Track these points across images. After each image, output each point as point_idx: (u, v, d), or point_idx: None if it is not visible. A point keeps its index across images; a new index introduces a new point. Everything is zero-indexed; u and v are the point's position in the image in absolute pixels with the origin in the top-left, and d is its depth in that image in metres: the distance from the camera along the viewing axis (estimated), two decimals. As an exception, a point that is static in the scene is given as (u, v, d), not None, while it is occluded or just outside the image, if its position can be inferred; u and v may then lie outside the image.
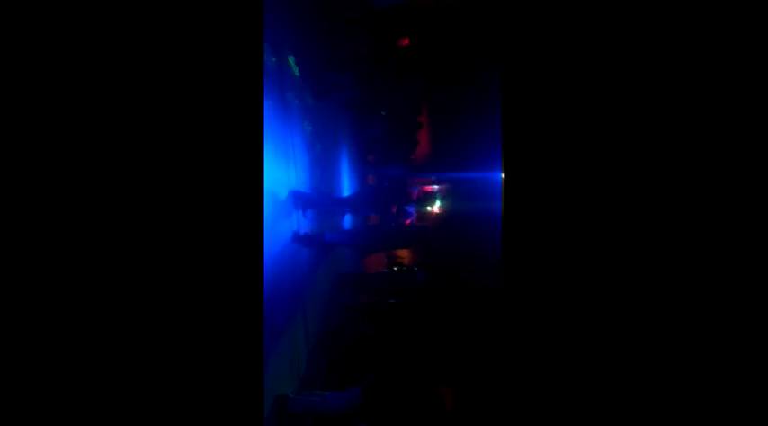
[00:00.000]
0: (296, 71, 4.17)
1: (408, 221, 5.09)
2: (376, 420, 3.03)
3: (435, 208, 6.86)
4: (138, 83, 1.17)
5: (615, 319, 1.30)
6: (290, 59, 4.04)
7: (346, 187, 6.60)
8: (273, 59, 3.56)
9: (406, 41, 5.62)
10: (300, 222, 4.11)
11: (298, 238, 3.95)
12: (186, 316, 1.20)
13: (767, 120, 1.17)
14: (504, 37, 1.29)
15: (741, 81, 1.18)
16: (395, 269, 5.83)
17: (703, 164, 1.21)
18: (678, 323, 1.27)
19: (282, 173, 3.72)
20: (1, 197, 1.12)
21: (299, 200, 4.00)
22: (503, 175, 1.36)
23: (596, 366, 1.31)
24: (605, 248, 1.29)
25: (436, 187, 8.26)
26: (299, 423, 3.29)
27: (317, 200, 4.42)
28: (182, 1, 1.19)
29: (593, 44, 1.26)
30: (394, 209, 4.72)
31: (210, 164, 1.21)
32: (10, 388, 1.12)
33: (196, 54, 1.19)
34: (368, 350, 4.59)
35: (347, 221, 6.23)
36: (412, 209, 5.58)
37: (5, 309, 1.12)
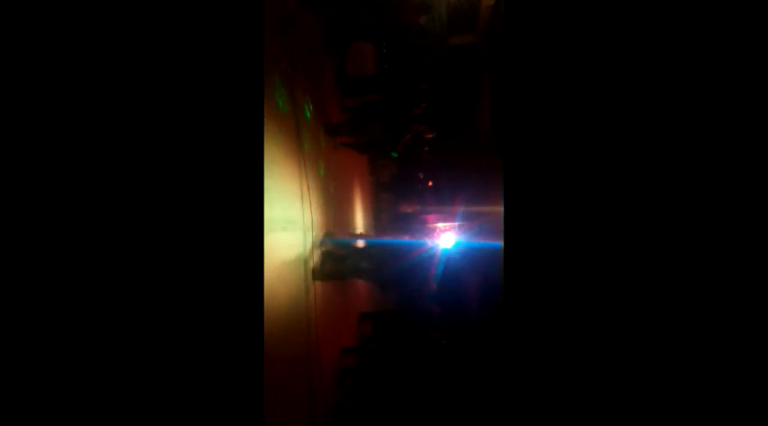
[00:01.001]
0: (308, 115, 4.38)
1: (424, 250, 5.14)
2: None
3: (450, 242, 6.88)
4: (140, 92, 1.21)
5: (622, 348, 1.25)
6: (306, 107, 4.24)
7: (360, 225, 6.69)
8: (286, 107, 3.76)
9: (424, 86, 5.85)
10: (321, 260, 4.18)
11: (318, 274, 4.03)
12: (187, 321, 1.21)
13: (767, 120, 1.16)
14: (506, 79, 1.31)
15: (741, 81, 1.17)
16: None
17: (706, 173, 1.20)
18: (685, 334, 1.22)
19: (297, 214, 3.84)
20: (1, 197, 1.14)
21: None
22: (502, 209, 1.35)
23: (603, 395, 1.27)
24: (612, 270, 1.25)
25: (449, 224, 8.30)
26: None
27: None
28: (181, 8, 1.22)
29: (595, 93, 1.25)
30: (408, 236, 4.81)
31: (211, 167, 1.24)
32: (10, 388, 1.12)
33: (198, 66, 1.24)
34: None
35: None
36: (427, 242, 5.64)
37: (5, 309, 1.13)
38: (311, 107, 4.40)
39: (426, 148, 6.08)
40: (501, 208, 1.35)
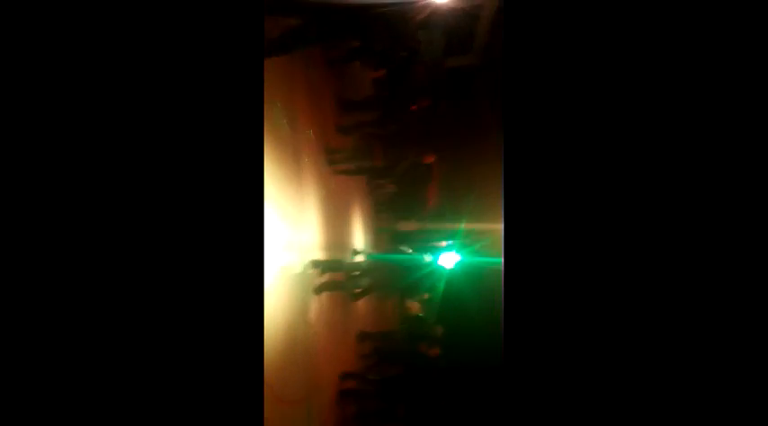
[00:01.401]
0: (310, 132, 4.41)
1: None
2: None
3: (451, 261, 6.88)
4: (140, 95, 1.22)
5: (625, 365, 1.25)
6: (308, 128, 4.29)
7: (360, 247, 6.68)
8: (287, 129, 3.81)
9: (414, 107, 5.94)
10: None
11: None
12: (186, 323, 1.21)
13: (767, 120, 1.15)
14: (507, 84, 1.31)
15: (741, 81, 1.17)
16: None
17: (707, 181, 1.19)
18: (686, 347, 1.21)
19: (296, 235, 3.85)
20: (1, 197, 1.13)
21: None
22: (502, 226, 1.35)
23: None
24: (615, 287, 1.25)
25: (450, 243, 8.30)
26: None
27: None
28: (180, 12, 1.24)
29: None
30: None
31: (211, 169, 1.25)
32: (10, 389, 1.12)
33: (198, 69, 1.25)
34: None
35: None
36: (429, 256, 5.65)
37: (6, 310, 1.13)
38: (311, 131, 4.46)
39: (426, 170, 6.16)
40: (501, 226, 1.35)
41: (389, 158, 5.47)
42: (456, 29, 7.22)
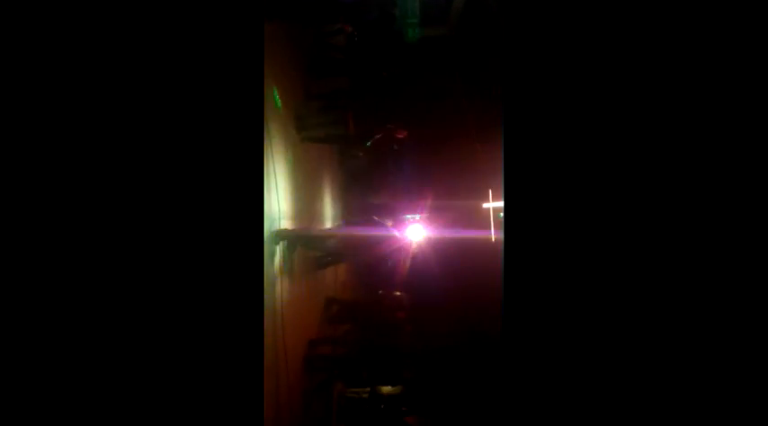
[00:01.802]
0: (278, 103, 4.30)
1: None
2: None
3: (420, 236, 6.99)
4: (139, 93, 1.21)
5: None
6: (275, 91, 4.16)
7: (329, 217, 6.66)
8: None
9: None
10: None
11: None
12: (186, 320, 1.22)
13: (767, 120, 1.16)
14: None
15: (741, 81, 1.18)
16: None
17: (702, 172, 1.20)
18: (683, 338, 1.22)
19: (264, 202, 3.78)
20: (2, 197, 1.14)
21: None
22: (503, 205, 1.36)
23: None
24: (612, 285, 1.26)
25: (419, 216, 8.40)
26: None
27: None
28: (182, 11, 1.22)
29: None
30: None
31: (211, 166, 1.24)
32: (10, 389, 1.12)
33: (197, 66, 1.24)
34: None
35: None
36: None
37: (7, 310, 1.13)
38: (278, 96, 4.32)
39: (396, 147, 6.11)
40: (469, 202, 1.36)
41: (360, 127, 5.39)
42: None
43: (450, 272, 7.34)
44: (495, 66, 6.40)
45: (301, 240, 4.60)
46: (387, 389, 4.79)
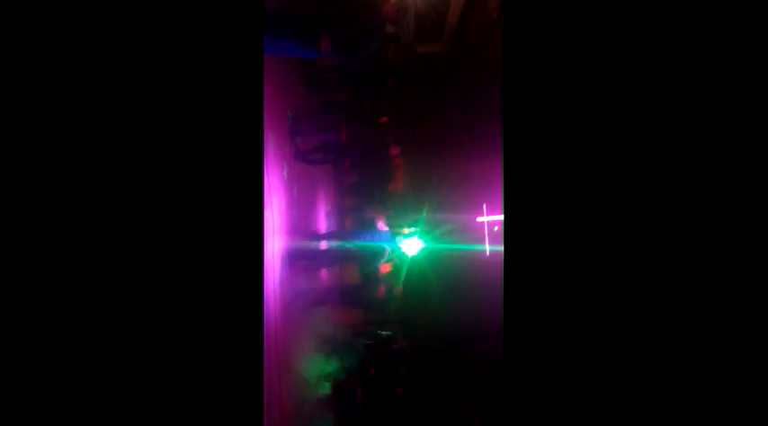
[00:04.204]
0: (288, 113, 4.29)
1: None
2: None
3: (414, 247, 6.98)
4: (138, 96, 1.21)
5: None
6: (288, 114, 4.16)
7: (321, 229, 6.63)
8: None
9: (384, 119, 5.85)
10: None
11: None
12: (185, 321, 1.21)
13: (767, 120, 1.16)
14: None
15: (741, 81, 1.18)
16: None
17: (702, 179, 1.20)
18: (685, 342, 1.22)
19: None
20: (1, 197, 1.13)
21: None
22: (503, 216, 1.35)
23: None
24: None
25: (413, 228, 8.38)
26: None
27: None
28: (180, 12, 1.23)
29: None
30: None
31: (211, 166, 1.25)
32: (10, 389, 1.11)
33: (195, 68, 1.24)
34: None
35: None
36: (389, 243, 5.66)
37: (5, 310, 1.12)
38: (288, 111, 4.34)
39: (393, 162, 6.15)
40: (464, 216, 1.35)
41: (355, 142, 5.41)
42: (426, 16, 7.17)
43: (447, 286, 7.30)
44: (489, 81, 6.48)
45: (296, 253, 4.57)
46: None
